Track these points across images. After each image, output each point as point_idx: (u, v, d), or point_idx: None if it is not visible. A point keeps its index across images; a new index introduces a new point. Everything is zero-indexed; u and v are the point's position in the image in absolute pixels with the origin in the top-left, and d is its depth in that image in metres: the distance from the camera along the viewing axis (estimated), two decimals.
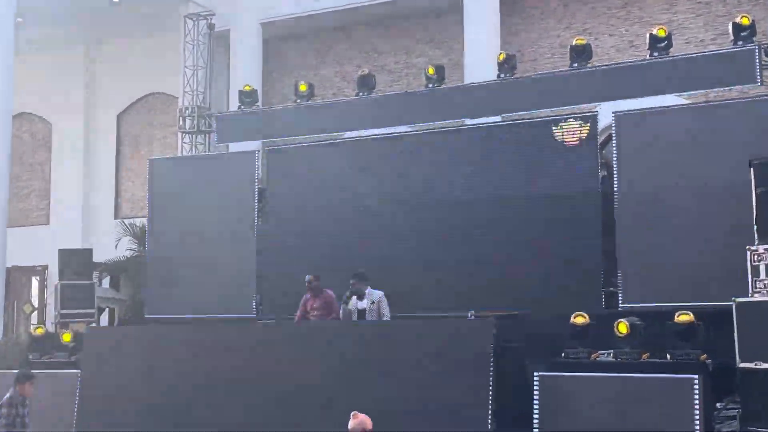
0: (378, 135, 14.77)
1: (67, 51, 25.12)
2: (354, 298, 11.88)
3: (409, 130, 14.66)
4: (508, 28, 20.10)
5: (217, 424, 11.05)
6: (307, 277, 12.31)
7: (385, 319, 11.74)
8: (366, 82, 15.15)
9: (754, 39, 12.58)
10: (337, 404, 10.37)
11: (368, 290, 11.94)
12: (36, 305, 23.57)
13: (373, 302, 11.79)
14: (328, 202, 14.50)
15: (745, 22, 12.58)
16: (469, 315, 11.79)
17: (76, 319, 16.04)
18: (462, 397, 9.95)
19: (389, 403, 10.20)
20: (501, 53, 14.46)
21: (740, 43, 12.58)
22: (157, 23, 23.06)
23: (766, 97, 12.66)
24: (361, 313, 11.80)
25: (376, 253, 13.82)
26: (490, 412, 9.75)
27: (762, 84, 12.81)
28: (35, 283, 24.04)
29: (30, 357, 13.69)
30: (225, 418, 11.03)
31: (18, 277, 22.87)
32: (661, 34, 13.03)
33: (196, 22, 18.28)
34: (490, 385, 9.85)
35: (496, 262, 13.19)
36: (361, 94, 15.12)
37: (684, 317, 9.89)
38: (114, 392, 11.81)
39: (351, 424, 7.43)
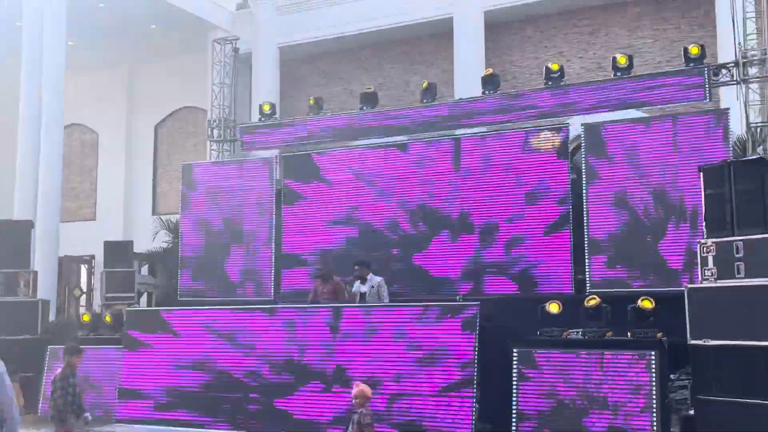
0: (380, 144, 14.77)
1: (112, 70, 25.15)
2: (357, 282, 11.94)
3: (407, 139, 14.66)
4: (492, 50, 20.10)
5: (242, 397, 11.09)
6: (318, 266, 12.35)
7: (383, 300, 11.76)
8: (370, 98, 15.16)
9: (704, 61, 12.58)
10: (341, 375, 10.45)
11: (370, 276, 11.98)
12: (84, 290, 23.58)
13: (373, 286, 11.82)
14: (337, 201, 14.50)
15: (695, 51, 12.57)
16: (457, 299, 11.82)
17: (119, 302, 16.01)
18: (450, 371, 9.96)
19: (385, 375, 10.24)
20: (488, 69, 14.43)
21: (692, 64, 12.58)
22: (190, 47, 23.08)
23: (713, 111, 12.67)
24: (363, 296, 11.84)
25: (378, 245, 13.85)
26: (475, 383, 9.77)
27: (710, 100, 12.82)
28: (84, 270, 24.04)
29: (79, 334, 13.72)
30: (247, 389, 11.07)
31: (69, 265, 22.87)
32: (622, 62, 13.04)
33: (222, 46, 18.26)
34: (475, 361, 9.86)
35: (481, 253, 13.19)
36: (365, 108, 15.12)
37: (645, 303, 9.87)
38: (151, 364, 11.87)
39: (354, 392, 7.48)
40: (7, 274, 13.41)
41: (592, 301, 10.14)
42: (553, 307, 10.35)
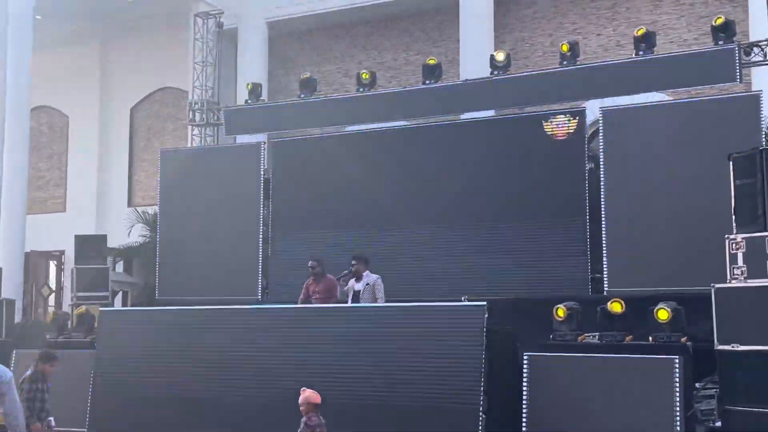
0: (377, 128, 14.77)
1: (83, 47, 25.09)
2: (352, 279, 11.89)
3: (407, 124, 14.66)
4: (502, 27, 20.07)
5: (224, 401, 11.09)
6: (310, 263, 12.28)
7: (379, 300, 11.72)
8: (366, 79, 15.12)
9: (734, 39, 12.58)
10: (334, 382, 10.45)
11: (366, 273, 11.95)
12: (53, 288, 23.59)
13: (368, 284, 11.78)
14: (330, 191, 14.51)
15: (720, 21, 12.56)
16: (462, 299, 11.82)
17: (92, 302, 16.01)
18: (455, 377, 9.96)
19: (385, 383, 10.25)
20: (498, 51, 14.43)
21: (720, 43, 12.57)
22: (169, 21, 23.02)
23: (744, 94, 12.66)
24: (356, 294, 11.80)
25: (374, 240, 13.85)
26: (482, 391, 9.77)
27: (741, 82, 12.82)
28: (53, 266, 24.05)
29: (48, 336, 13.71)
30: (231, 395, 11.07)
31: (36, 261, 22.86)
32: (641, 33, 13.02)
33: (205, 21, 18.25)
34: (482, 366, 9.86)
35: (489, 250, 13.22)
36: (361, 89, 15.10)
37: (662, 313, 9.79)
38: (127, 370, 11.86)
39: (300, 399, 7.53)
40: None
41: (615, 306, 10.04)
42: (560, 312, 10.27)
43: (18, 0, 18.80)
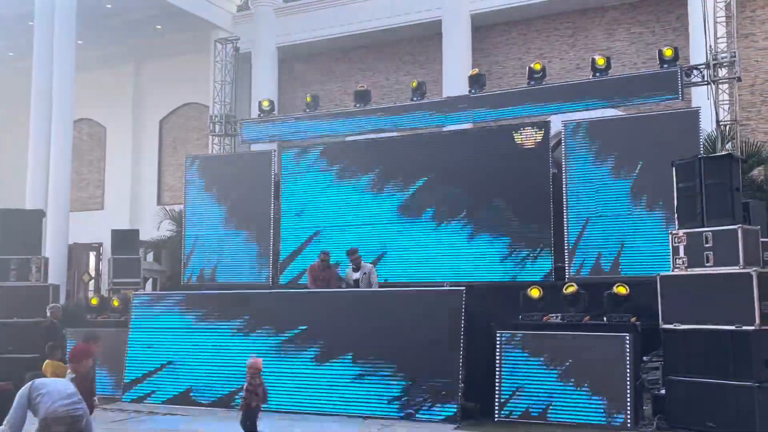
0: (372, 138, 14.76)
1: (119, 68, 25.00)
2: (349, 269, 11.97)
3: (398, 134, 14.65)
4: (478, 52, 20.08)
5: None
6: (321, 254, 12.33)
7: (374, 285, 11.75)
8: (363, 96, 15.14)
9: (677, 63, 12.61)
10: (337, 350, 10.46)
11: (362, 263, 11.99)
12: (92, 275, 23.49)
13: (365, 273, 11.81)
14: (331, 193, 14.49)
15: (669, 53, 12.61)
16: (445, 285, 11.83)
17: (126, 287, 15.95)
18: (438, 352, 9.98)
19: (378, 355, 10.27)
20: (474, 69, 14.42)
21: (665, 66, 12.60)
22: (193, 46, 22.97)
23: (685, 110, 12.70)
24: (356, 282, 11.84)
25: (368, 234, 13.86)
26: (461, 363, 9.79)
27: (683, 99, 12.87)
28: (92, 257, 23.95)
29: (88, 317, 13.68)
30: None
31: (78, 252, 22.78)
32: (601, 63, 13.05)
33: (224, 46, 18.18)
34: (461, 342, 9.88)
35: (468, 242, 13.21)
36: (358, 105, 15.09)
37: (620, 289, 9.91)
38: (157, 344, 11.85)
39: (248, 363, 8.04)
40: (20, 261, 13.34)
41: (570, 288, 10.18)
42: (534, 292, 10.38)
43: (62, 27, 18.70)
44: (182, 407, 10.98)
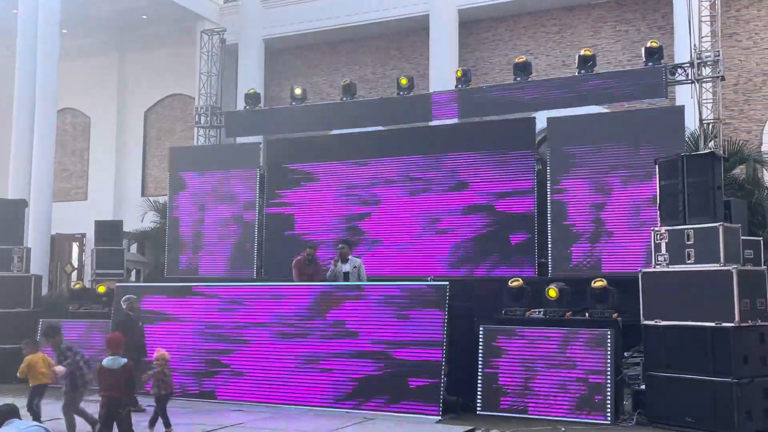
0: (358, 132, 14.74)
1: (103, 57, 24.80)
2: (339, 262, 11.91)
3: (384, 128, 14.64)
4: (465, 47, 20.09)
5: (232, 356, 11.06)
6: (308, 249, 12.26)
7: (362, 279, 11.75)
8: (349, 89, 15.10)
9: (662, 61, 12.69)
10: (326, 340, 10.44)
11: (350, 257, 11.97)
12: (75, 266, 23.32)
13: (354, 267, 11.82)
14: (317, 186, 14.48)
15: (654, 45, 12.67)
16: (429, 279, 11.84)
17: (109, 278, 15.85)
18: (422, 345, 9.99)
19: (365, 348, 10.27)
20: (459, 69, 14.44)
21: (650, 64, 12.67)
22: (178, 37, 22.83)
23: (669, 108, 12.78)
24: (345, 275, 11.82)
25: (355, 227, 13.86)
26: (443, 357, 9.82)
27: (667, 97, 12.96)
28: (75, 247, 23.78)
29: (70, 308, 13.59)
30: (238, 353, 11.04)
31: (61, 242, 22.59)
32: (587, 53, 13.09)
33: (210, 37, 18.07)
34: (444, 336, 9.90)
35: (454, 237, 13.26)
36: (345, 98, 15.06)
37: (599, 283, 9.99)
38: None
39: (156, 355, 8.39)
40: (2, 251, 13.24)
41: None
42: (515, 283, 10.43)
43: (46, 16, 18.50)
44: None
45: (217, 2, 22.60)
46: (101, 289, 13.39)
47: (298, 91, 15.49)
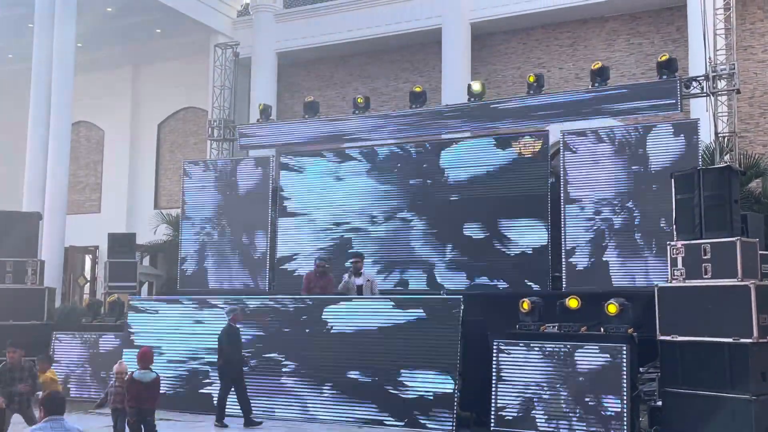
0: (371, 145, 14.75)
1: (118, 71, 25.00)
2: (351, 275, 11.84)
3: (396, 141, 14.64)
4: (478, 60, 20.11)
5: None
6: (318, 261, 12.20)
7: (375, 293, 11.70)
8: (362, 103, 15.10)
9: (676, 74, 12.63)
10: (338, 355, 10.42)
11: (364, 270, 11.93)
12: (88, 278, 23.42)
13: (368, 280, 11.78)
14: (330, 199, 14.48)
15: (664, 58, 12.65)
16: (442, 293, 11.80)
17: (121, 291, 15.91)
18: (435, 360, 9.95)
19: (377, 362, 10.23)
20: (476, 83, 14.33)
21: (664, 77, 12.62)
22: (192, 50, 22.99)
23: (684, 121, 12.71)
24: (359, 288, 11.77)
25: (367, 240, 13.84)
26: (458, 372, 9.77)
27: (681, 110, 12.88)
28: (88, 260, 23.89)
29: (83, 320, 13.63)
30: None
31: (74, 255, 22.71)
32: (597, 66, 13.07)
33: (224, 51, 18.18)
34: (458, 351, 9.86)
35: (466, 251, 13.21)
36: (357, 112, 15.08)
37: (612, 308, 9.75)
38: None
39: (116, 369, 8.35)
40: (16, 263, 13.31)
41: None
42: (525, 305, 10.29)
43: (62, 30, 18.69)
44: (176, 412, 10.91)
45: (231, 16, 22.77)
46: (122, 298, 13.44)
47: (310, 103, 15.54)
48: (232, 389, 9.99)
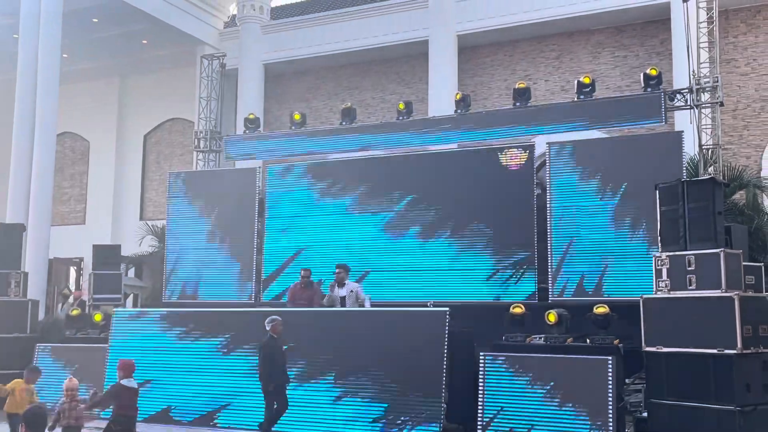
0: (357, 157, 14.76)
1: (103, 81, 24.97)
2: (336, 287, 11.85)
3: (383, 153, 14.67)
4: (464, 72, 20.23)
5: (225, 386, 10.97)
6: (303, 272, 12.22)
7: (366, 302, 11.65)
8: (348, 114, 15.16)
9: (660, 87, 12.75)
10: (323, 367, 10.37)
11: (347, 281, 11.92)
12: (73, 290, 23.25)
13: (351, 291, 11.76)
14: (316, 210, 14.46)
15: (653, 72, 12.76)
16: (429, 305, 11.79)
17: (106, 303, 15.79)
18: (421, 372, 9.93)
19: (358, 377, 10.21)
20: (458, 93, 14.48)
21: (649, 89, 12.74)
22: (179, 61, 23.00)
23: (668, 133, 12.82)
24: (342, 299, 11.76)
25: (353, 252, 13.81)
26: (444, 384, 9.75)
27: (666, 123, 13.00)
28: (73, 272, 23.75)
29: (67, 333, 13.51)
30: (232, 382, 10.96)
31: (58, 267, 22.59)
32: (587, 81, 13.17)
33: (210, 62, 18.19)
34: (444, 363, 9.84)
35: (452, 262, 13.20)
36: (344, 123, 15.11)
37: (601, 309, 9.96)
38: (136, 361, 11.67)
39: (66, 385, 8.16)
40: None
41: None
42: (517, 310, 10.38)
43: (47, 40, 18.64)
44: (162, 426, 10.83)
45: (217, 27, 22.81)
46: (97, 317, 13.31)
47: (297, 116, 15.56)
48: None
